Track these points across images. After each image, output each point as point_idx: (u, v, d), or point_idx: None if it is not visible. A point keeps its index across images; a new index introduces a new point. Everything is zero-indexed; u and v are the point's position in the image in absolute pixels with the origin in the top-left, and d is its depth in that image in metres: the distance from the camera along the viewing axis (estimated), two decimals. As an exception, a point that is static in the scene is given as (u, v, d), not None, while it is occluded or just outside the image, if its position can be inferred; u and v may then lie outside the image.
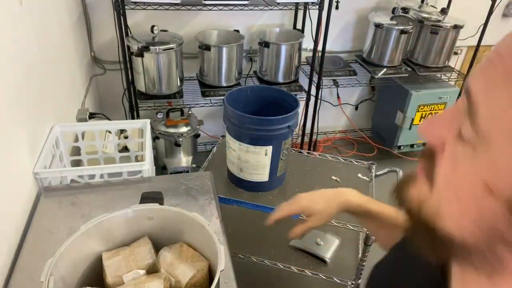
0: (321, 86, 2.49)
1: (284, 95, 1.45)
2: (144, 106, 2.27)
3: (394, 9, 2.49)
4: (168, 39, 2.12)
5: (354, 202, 0.89)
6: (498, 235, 0.36)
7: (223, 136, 1.65)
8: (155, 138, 2.30)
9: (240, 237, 1.66)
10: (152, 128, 2.22)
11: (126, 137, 1.61)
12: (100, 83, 2.46)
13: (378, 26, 2.50)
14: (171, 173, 2.30)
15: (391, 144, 2.89)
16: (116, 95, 2.46)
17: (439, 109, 2.72)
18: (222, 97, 2.25)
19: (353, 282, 1.50)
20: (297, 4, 2.42)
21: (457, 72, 2.79)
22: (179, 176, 1.28)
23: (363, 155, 2.99)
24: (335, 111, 3.08)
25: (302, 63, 2.55)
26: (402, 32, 2.48)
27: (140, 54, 2.01)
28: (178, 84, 2.24)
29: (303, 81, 2.51)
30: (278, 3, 2.15)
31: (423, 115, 2.72)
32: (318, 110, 2.64)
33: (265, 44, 2.29)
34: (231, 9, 2.12)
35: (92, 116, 1.82)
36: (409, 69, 2.67)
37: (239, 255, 1.54)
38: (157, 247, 0.85)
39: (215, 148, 1.72)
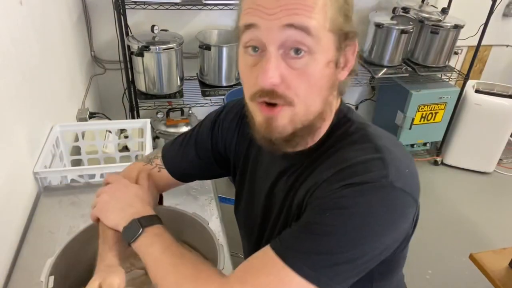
0: (321, 86, 2.49)
1: (284, 95, 1.45)
2: (144, 105, 2.27)
3: (394, 9, 2.49)
4: (168, 39, 2.11)
5: None
6: None
7: (223, 136, 1.64)
8: (155, 138, 2.30)
9: (239, 236, 1.65)
10: (152, 127, 2.22)
11: (126, 137, 1.61)
12: (100, 82, 2.46)
13: (378, 25, 2.50)
14: (171, 173, 2.30)
15: (391, 144, 2.89)
16: (116, 94, 2.46)
17: (439, 109, 2.72)
18: (223, 97, 2.24)
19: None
20: (297, 3, 2.41)
21: (458, 72, 2.79)
22: (179, 175, 1.28)
23: (363, 155, 2.99)
24: (335, 111, 3.08)
25: (302, 63, 2.54)
26: (403, 32, 2.47)
27: (140, 53, 2.01)
28: (178, 83, 2.24)
29: (303, 81, 2.50)
30: (279, 3, 2.15)
31: (423, 115, 2.72)
32: (318, 110, 2.63)
33: (265, 43, 2.29)
34: (231, 9, 2.12)
35: (92, 115, 1.82)
36: (409, 69, 2.67)
37: (239, 254, 1.54)
38: (157, 247, 0.85)
39: (215, 147, 1.72)
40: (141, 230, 0.66)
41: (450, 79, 2.80)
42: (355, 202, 0.56)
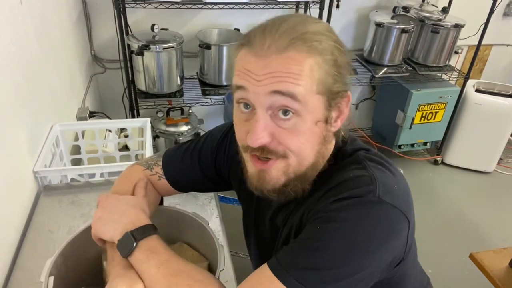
0: (321, 85, 2.48)
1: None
2: (144, 105, 2.27)
3: (395, 8, 2.49)
4: (168, 38, 2.11)
5: None
6: None
7: (223, 135, 1.64)
8: (155, 137, 2.30)
9: (240, 236, 1.65)
10: (152, 127, 2.21)
11: (126, 136, 1.61)
12: (100, 81, 2.46)
13: (379, 25, 2.49)
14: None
15: (392, 143, 2.89)
16: (116, 93, 2.46)
17: (439, 108, 2.71)
18: (223, 96, 2.24)
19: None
20: (297, 3, 2.41)
21: (458, 71, 2.79)
22: (179, 175, 1.28)
23: (364, 154, 2.99)
24: (336, 110, 3.07)
25: (302, 62, 2.53)
26: (403, 31, 2.47)
27: (141, 52, 2.00)
28: (179, 83, 2.23)
29: (304, 80, 2.49)
30: (279, 2, 2.15)
31: (424, 114, 2.71)
32: (319, 109, 2.63)
33: (265, 43, 2.28)
34: (231, 8, 2.12)
35: (92, 115, 1.82)
36: (409, 68, 2.66)
37: (239, 254, 1.54)
38: (157, 246, 0.85)
39: (215, 147, 1.72)
40: (134, 244, 0.65)
41: (451, 79, 2.79)
42: (343, 216, 0.57)
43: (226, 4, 2.08)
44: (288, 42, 0.55)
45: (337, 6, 2.51)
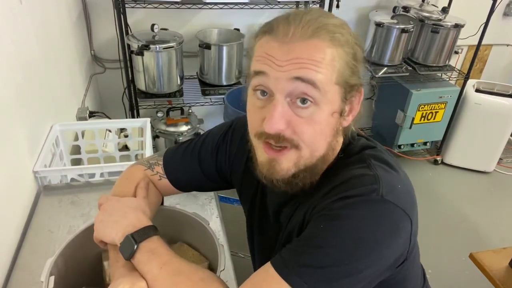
0: (321, 85, 2.48)
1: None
2: (144, 104, 2.27)
3: (395, 8, 2.49)
4: (168, 38, 2.11)
5: None
6: None
7: (223, 135, 1.64)
8: (155, 137, 2.30)
9: (240, 236, 1.65)
10: (152, 127, 2.21)
11: (126, 136, 1.61)
12: (100, 81, 2.46)
13: (378, 25, 2.49)
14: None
15: (392, 143, 2.89)
16: (116, 93, 2.46)
17: (439, 108, 2.71)
18: (223, 96, 2.24)
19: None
20: (297, 2, 2.41)
21: (458, 71, 2.79)
22: (179, 175, 1.27)
23: (363, 154, 2.99)
24: (336, 110, 3.07)
25: (302, 62, 2.53)
26: (403, 31, 2.47)
27: (140, 52, 2.00)
28: (178, 82, 2.23)
29: (304, 80, 2.49)
30: (279, 2, 2.14)
31: (424, 114, 2.71)
32: (319, 109, 2.63)
33: (265, 43, 2.28)
34: (231, 8, 2.11)
35: (92, 114, 1.82)
36: (409, 68, 2.66)
37: (239, 254, 1.54)
38: (157, 246, 0.85)
39: (215, 147, 1.71)
40: (135, 246, 0.65)
41: (451, 79, 2.79)
42: (345, 214, 0.57)
43: (226, 4, 2.08)
44: (313, 30, 0.56)
45: (337, 6, 2.50)
